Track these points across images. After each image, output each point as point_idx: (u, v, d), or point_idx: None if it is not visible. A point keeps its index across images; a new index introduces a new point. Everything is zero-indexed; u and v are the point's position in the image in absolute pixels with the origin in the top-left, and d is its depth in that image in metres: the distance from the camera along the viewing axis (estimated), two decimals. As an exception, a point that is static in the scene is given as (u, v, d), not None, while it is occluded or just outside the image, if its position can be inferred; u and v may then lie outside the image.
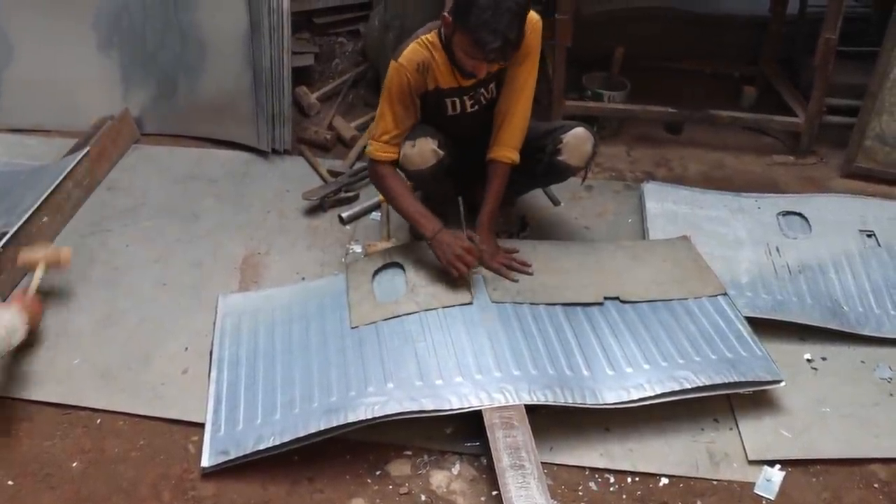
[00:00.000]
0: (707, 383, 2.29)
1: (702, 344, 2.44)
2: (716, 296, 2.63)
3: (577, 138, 2.74)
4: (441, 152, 2.69)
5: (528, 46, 2.58)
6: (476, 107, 2.76)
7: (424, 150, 2.66)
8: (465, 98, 2.73)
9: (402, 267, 2.71)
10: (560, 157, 2.76)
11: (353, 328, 2.50)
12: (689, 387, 2.28)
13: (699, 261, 2.79)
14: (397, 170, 2.74)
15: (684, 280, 2.69)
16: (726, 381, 2.30)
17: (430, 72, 2.61)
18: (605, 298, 2.60)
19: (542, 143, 2.79)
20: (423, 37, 2.59)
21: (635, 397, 2.25)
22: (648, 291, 2.64)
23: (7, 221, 2.86)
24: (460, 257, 2.54)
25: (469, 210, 2.71)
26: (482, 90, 2.73)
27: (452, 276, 2.57)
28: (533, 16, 2.54)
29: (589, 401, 2.23)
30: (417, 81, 2.61)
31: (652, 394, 2.26)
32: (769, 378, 2.34)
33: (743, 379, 2.31)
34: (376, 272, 2.72)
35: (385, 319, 2.50)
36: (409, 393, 2.22)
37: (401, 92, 2.61)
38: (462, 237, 2.58)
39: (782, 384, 2.34)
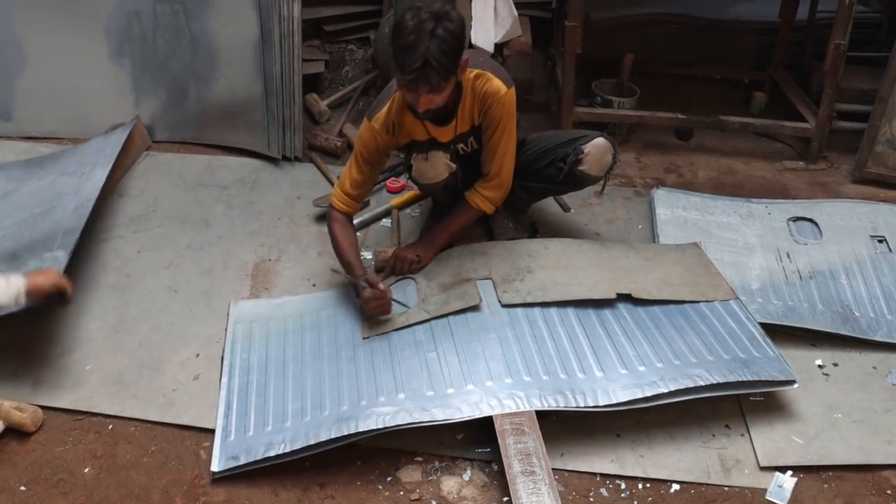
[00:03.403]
0: (721, 381, 2.27)
1: (714, 344, 2.43)
2: (727, 300, 2.62)
3: (598, 149, 2.76)
4: (453, 165, 2.71)
5: (493, 118, 2.60)
6: (455, 154, 2.76)
7: (437, 164, 2.68)
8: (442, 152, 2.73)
9: (413, 279, 2.72)
10: (581, 167, 2.77)
11: (364, 339, 2.51)
12: (703, 384, 2.26)
13: (710, 267, 2.78)
14: (347, 221, 2.76)
15: (696, 284, 2.69)
16: (740, 380, 2.29)
17: (403, 128, 2.65)
18: (618, 295, 2.59)
19: (562, 153, 2.81)
20: (396, 94, 2.59)
21: (649, 394, 2.23)
22: (661, 291, 2.63)
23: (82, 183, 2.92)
24: (368, 306, 2.54)
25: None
26: (460, 145, 2.74)
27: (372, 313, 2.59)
28: (499, 88, 2.56)
29: (602, 401, 2.22)
30: (387, 142, 2.67)
31: (666, 390, 2.24)
32: (783, 378, 2.32)
33: (756, 378, 2.30)
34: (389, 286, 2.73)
35: (396, 330, 2.51)
36: (420, 403, 2.23)
37: (368, 150, 2.67)
38: (365, 290, 2.55)
39: (796, 385, 2.33)
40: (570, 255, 2.79)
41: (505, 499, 2.10)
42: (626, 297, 2.60)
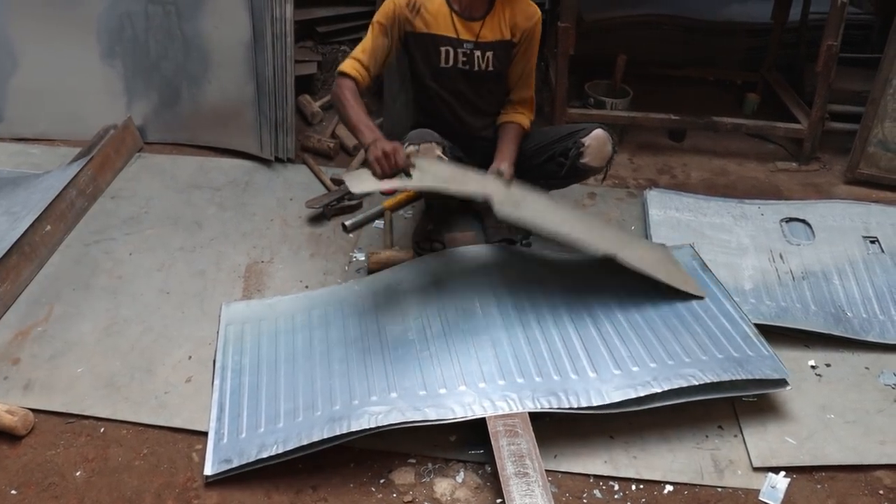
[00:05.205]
0: (715, 380, 2.27)
1: (708, 344, 2.43)
2: (719, 299, 2.62)
3: (598, 140, 2.81)
4: (445, 158, 2.70)
5: (533, 37, 2.83)
6: (468, 67, 2.80)
7: (429, 156, 2.67)
8: (459, 52, 2.78)
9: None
10: (583, 160, 2.81)
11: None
12: (697, 384, 2.26)
13: (678, 264, 2.77)
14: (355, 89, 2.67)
15: (668, 273, 2.66)
16: (734, 379, 2.29)
17: (421, 13, 2.71)
18: (608, 297, 2.60)
19: (561, 147, 2.83)
20: None
21: (643, 394, 2.23)
22: (641, 263, 2.59)
23: (10, 228, 2.85)
24: (381, 158, 2.37)
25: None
26: (477, 52, 2.78)
27: (375, 175, 2.41)
28: (538, 10, 2.81)
29: (595, 401, 2.22)
30: (403, 14, 2.71)
31: (659, 390, 2.24)
32: (776, 376, 2.32)
33: (750, 377, 2.30)
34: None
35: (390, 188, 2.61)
36: (413, 402, 2.22)
37: (386, 15, 2.72)
38: (396, 143, 2.43)
39: (788, 388, 2.34)
40: (559, 210, 2.77)
41: (498, 500, 2.10)
42: (618, 297, 2.60)
